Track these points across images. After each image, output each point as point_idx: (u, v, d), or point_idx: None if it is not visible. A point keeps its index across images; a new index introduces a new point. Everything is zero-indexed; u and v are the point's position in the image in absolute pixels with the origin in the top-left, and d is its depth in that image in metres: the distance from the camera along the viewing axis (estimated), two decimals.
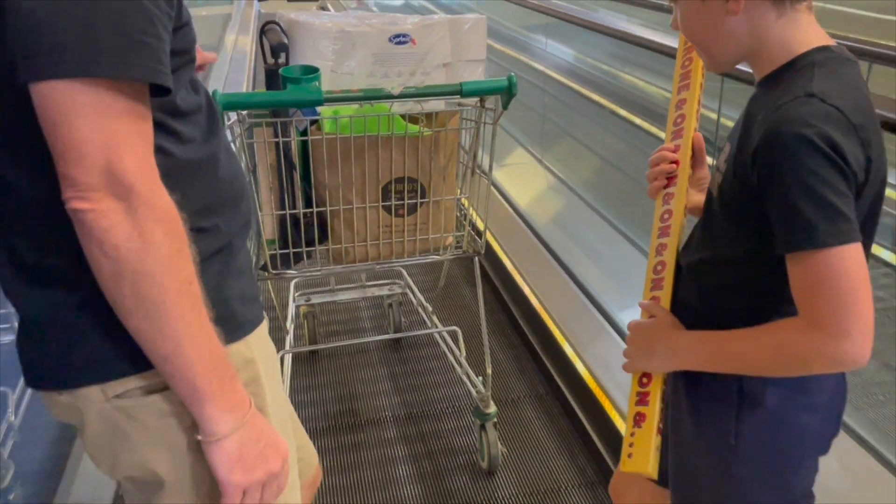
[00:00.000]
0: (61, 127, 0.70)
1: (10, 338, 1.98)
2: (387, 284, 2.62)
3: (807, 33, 0.91)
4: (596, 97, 4.59)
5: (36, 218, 0.79)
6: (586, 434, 2.12)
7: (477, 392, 2.04)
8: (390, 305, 2.65)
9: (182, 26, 0.80)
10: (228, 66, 5.41)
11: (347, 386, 2.44)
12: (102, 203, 0.71)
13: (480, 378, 2.04)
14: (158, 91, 0.75)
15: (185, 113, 0.82)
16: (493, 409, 2.01)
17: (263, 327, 0.98)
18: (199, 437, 0.83)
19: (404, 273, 2.60)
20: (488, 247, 3.06)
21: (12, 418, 1.91)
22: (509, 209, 3.39)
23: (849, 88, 0.88)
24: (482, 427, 2.01)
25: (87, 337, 0.81)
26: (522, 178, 3.88)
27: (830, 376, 1.01)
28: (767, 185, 0.86)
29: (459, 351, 2.20)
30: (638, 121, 4.35)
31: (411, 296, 2.54)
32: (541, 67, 4.49)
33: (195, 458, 0.85)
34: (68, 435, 2.02)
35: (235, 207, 0.91)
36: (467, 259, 2.02)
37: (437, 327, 2.35)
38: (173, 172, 0.78)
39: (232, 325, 0.87)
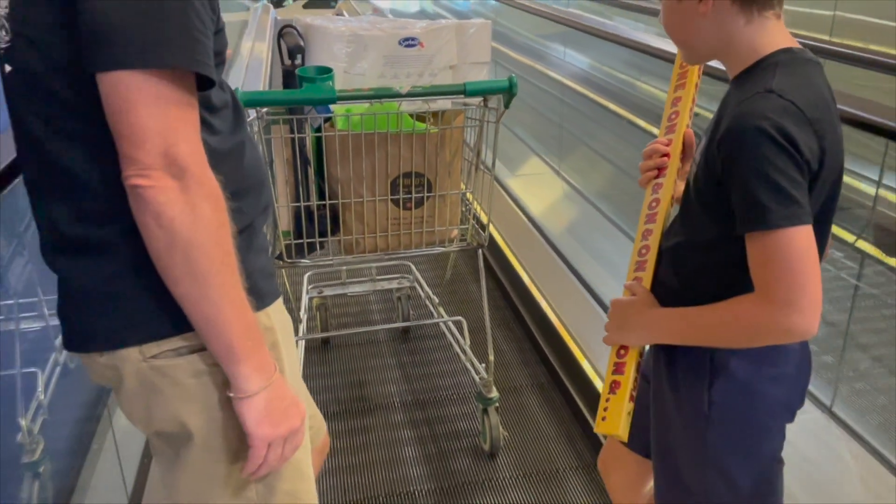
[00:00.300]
0: (126, 113, 0.80)
1: (39, 324, 2.11)
2: (396, 278, 2.73)
3: (773, 37, 1.00)
4: (613, 106, 4.63)
5: (84, 194, 0.88)
6: (584, 421, 2.22)
7: (480, 378, 2.14)
8: (399, 298, 2.76)
9: (219, 31, 0.90)
10: (245, 72, 5.54)
11: (357, 373, 2.55)
12: (161, 181, 0.81)
13: (483, 365, 2.14)
14: (202, 85, 0.85)
15: (217, 108, 0.92)
16: (495, 394, 2.11)
17: (280, 301, 1.08)
18: (231, 394, 0.92)
19: (413, 267, 2.72)
20: (495, 245, 3.18)
21: (41, 397, 2.03)
22: (515, 208, 3.49)
23: (807, 85, 0.97)
24: (485, 411, 2.11)
25: (126, 303, 0.91)
26: (534, 185, 3.95)
27: (796, 351, 1.10)
28: (729, 172, 0.95)
29: (464, 340, 2.31)
30: (655, 130, 4.37)
31: (419, 289, 2.65)
32: (557, 76, 4.54)
33: (225, 413, 0.95)
34: (94, 415, 2.14)
35: (258, 192, 1.01)
36: (472, 253, 2.12)
37: (443, 317, 2.46)
38: (208, 159, 0.87)
39: (255, 296, 0.95)
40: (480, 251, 2.08)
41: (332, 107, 1.79)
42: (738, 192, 0.95)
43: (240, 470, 0.96)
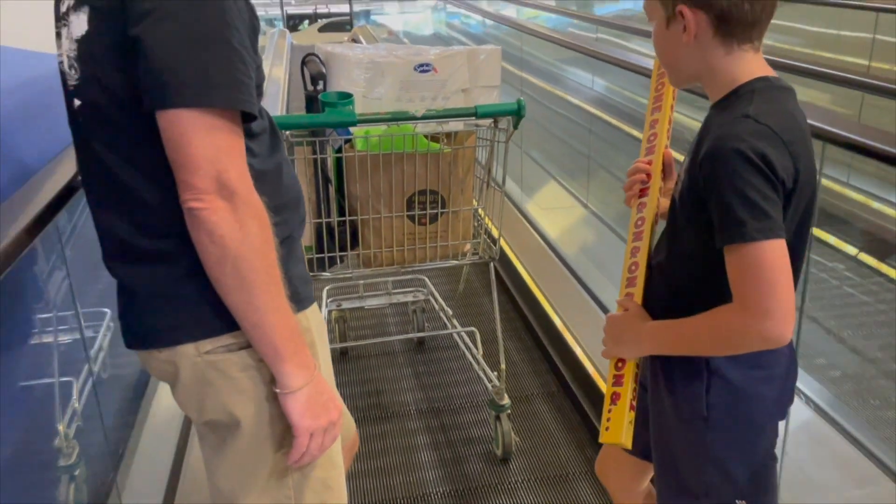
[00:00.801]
0: (182, 145, 0.92)
1: (73, 336, 2.22)
2: (411, 291, 2.84)
3: (751, 67, 1.09)
4: (634, 131, 4.60)
5: (145, 211, 1.01)
6: (593, 427, 2.30)
7: (492, 385, 2.24)
8: (414, 311, 2.86)
9: (257, 67, 1.01)
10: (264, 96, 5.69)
11: (374, 383, 2.65)
12: (213, 203, 0.92)
13: (495, 373, 2.24)
14: (245, 117, 0.97)
15: (257, 134, 1.04)
16: (506, 401, 2.20)
17: (315, 305, 1.19)
18: (277, 390, 1.02)
19: (427, 281, 2.82)
20: (507, 259, 3.28)
21: (76, 404, 2.15)
22: (527, 225, 3.59)
23: (781, 111, 1.06)
24: (497, 418, 2.21)
25: (183, 305, 1.03)
26: (549, 205, 4.01)
27: (784, 355, 1.18)
28: (709, 189, 1.04)
29: (477, 350, 2.40)
30: (674, 153, 4.39)
31: (433, 302, 2.75)
32: (576, 101, 4.53)
33: (270, 405, 1.05)
34: (128, 422, 2.25)
35: (296, 207, 1.13)
36: (485, 267, 2.21)
37: (456, 328, 2.55)
38: (252, 180, 0.98)
39: (295, 301, 1.06)
40: (492, 264, 2.18)
41: (351, 129, 1.90)
42: (717, 208, 1.03)
43: (281, 457, 1.07)
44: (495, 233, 2.11)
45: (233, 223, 0.93)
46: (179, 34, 0.91)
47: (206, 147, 0.91)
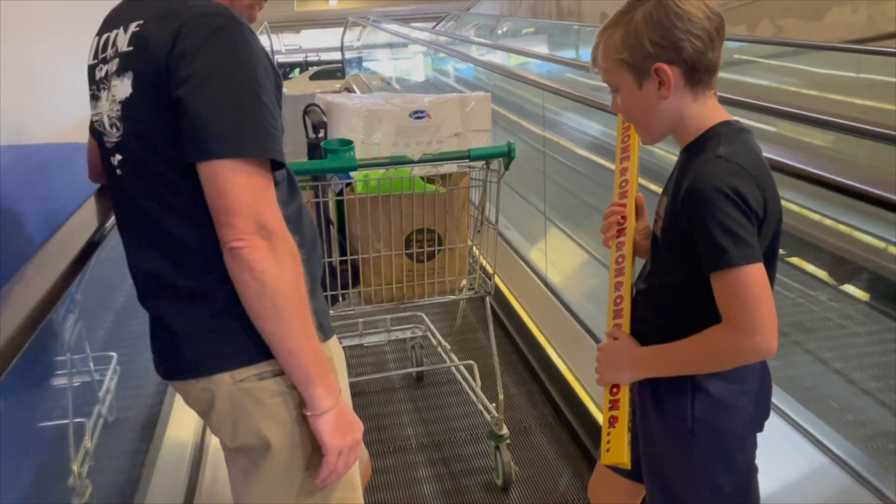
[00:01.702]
0: (223, 192, 1.01)
1: (84, 379, 2.30)
2: (409, 328, 2.92)
3: (713, 112, 1.22)
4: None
5: (185, 252, 1.10)
6: (590, 457, 2.36)
7: (491, 416, 2.31)
8: (413, 347, 2.94)
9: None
10: None
11: (375, 419, 2.72)
12: (253, 242, 1.02)
13: (494, 404, 2.32)
14: (274, 166, 1.07)
15: (278, 182, 1.13)
16: (505, 431, 2.27)
17: (335, 336, 1.30)
18: (307, 413, 1.11)
19: (425, 318, 2.91)
20: (502, 296, 3.37)
21: (88, 444, 2.21)
22: (521, 263, 3.69)
23: (747, 150, 1.18)
24: (497, 448, 2.28)
25: (219, 337, 1.12)
26: (536, 236, 4.13)
27: (759, 371, 1.28)
28: (693, 224, 1.15)
29: (475, 382, 2.48)
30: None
31: (431, 338, 2.83)
32: (584, 153, 4.60)
33: (299, 428, 1.14)
34: (137, 462, 2.31)
35: (314, 246, 1.24)
36: (481, 304, 2.30)
37: (454, 362, 2.64)
38: None
39: (321, 331, 1.15)
40: (487, 299, 2.27)
41: (351, 173, 2.01)
42: (701, 240, 1.14)
43: (307, 478, 1.15)
44: (490, 269, 2.21)
45: (271, 260, 1.02)
46: (218, 95, 1.02)
47: (244, 192, 1.02)
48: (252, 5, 1.24)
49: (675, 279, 1.26)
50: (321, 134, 2.03)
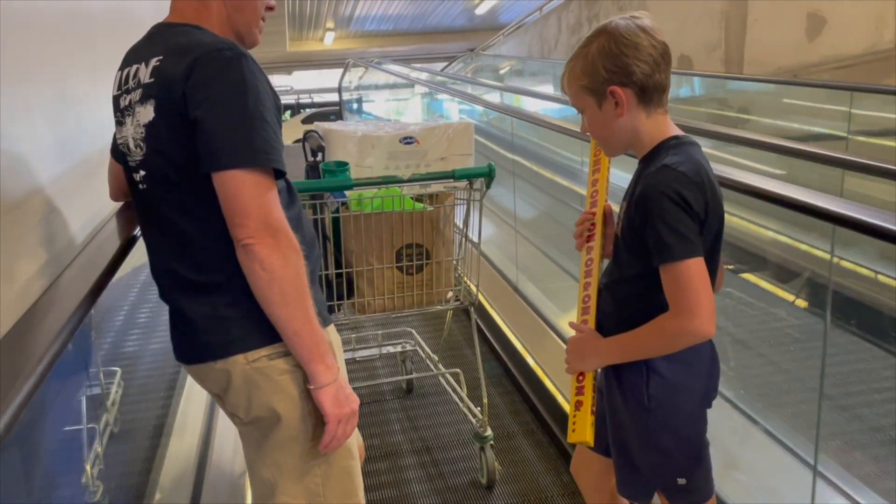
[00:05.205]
0: (235, 197, 1.19)
1: (95, 391, 2.45)
2: (399, 343, 3.10)
3: (664, 128, 1.42)
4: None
5: (201, 251, 1.28)
6: (568, 456, 2.52)
7: (476, 420, 2.48)
8: (403, 361, 3.11)
9: None
10: None
11: (366, 427, 2.87)
12: (263, 239, 1.18)
13: (479, 408, 2.49)
14: (276, 174, 1.25)
15: (279, 190, 1.31)
16: (489, 432, 2.44)
17: (332, 326, 1.47)
18: (310, 386, 1.28)
19: (414, 333, 3.09)
20: (486, 313, 3.55)
21: (98, 449, 2.35)
22: (501, 280, 3.89)
23: (692, 160, 1.38)
24: (481, 449, 2.44)
25: (234, 324, 1.29)
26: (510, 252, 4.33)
27: (706, 353, 1.47)
28: (645, 224, 1.34)
29: (461, 389, 2.66)
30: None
31: (420, 351, 3.01)
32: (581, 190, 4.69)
33: (305, 402, 1.31)
34: (145, 468, 2.45)
35: (313, 245, 1.41)
36: (466, 318, 2.47)
37: (441, 371, 2.81)
38: None
39: (318, 318, 1.31)
40: (472, 309, 2.46)
41: (346, 192, 2.21)
42: (651, 237, 1.33)
43: (312, 447, 1.32)
44: (473, 281, 2.41)
45: (278, 254, 1.20)
46: (229, 116, 1.21)
47: (253, 197, 1.20)
48: (251, 30, 1.39)
49: (631, 273, 1.45)
50: (319, 157, 2.24)
